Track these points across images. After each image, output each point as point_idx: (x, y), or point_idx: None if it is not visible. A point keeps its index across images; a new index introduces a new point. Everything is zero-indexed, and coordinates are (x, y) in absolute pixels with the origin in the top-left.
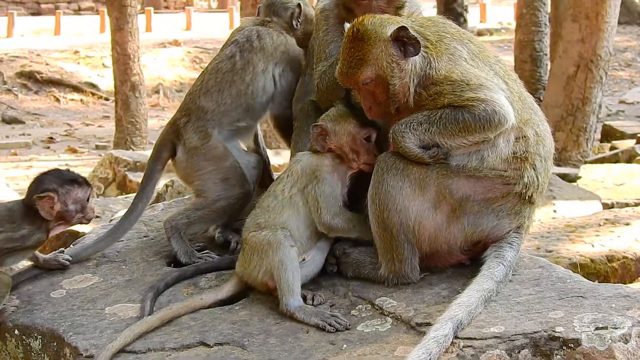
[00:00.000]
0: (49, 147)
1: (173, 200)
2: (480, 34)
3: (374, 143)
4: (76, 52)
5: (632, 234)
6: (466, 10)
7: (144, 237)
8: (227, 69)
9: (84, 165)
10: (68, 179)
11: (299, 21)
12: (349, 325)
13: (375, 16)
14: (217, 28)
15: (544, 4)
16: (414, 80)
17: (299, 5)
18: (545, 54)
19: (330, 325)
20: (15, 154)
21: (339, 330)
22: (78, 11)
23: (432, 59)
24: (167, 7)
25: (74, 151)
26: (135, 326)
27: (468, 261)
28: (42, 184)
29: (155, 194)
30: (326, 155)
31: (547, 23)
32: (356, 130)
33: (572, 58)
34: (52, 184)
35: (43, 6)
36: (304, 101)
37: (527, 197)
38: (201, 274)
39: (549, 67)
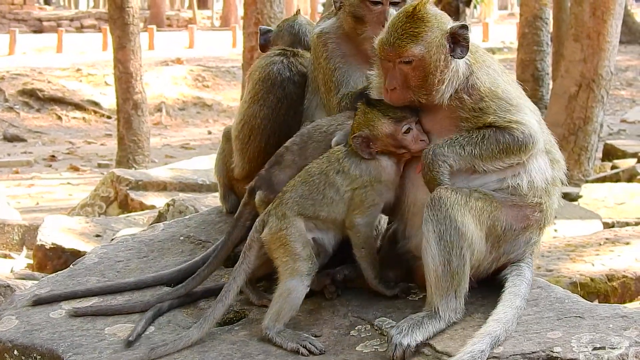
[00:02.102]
0: (50, 166)
1: (173, 220)
2: None
3: (418, 126)
4: (78, 70)
5: (632, 254)
6: (469, 29)
7: (144, 257)
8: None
9: (85, 184)
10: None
11: None
12: (324, 350)
13: (429, 2)
14: (220, 46)
15: (546, 24)
16: (454, 82)
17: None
18: (547, 74)
19: (305, 348)
20: (17, 172)
21: (313, 354)
22: (80, 29)
23: (475, 68)
24: (170, 25)
25: (76, 169)
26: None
27: (476, 284)
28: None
29: (157, 213)
30: (382, 161)
31: (549, 43)
32: (393, 128)
33: (574, 77)
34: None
35: (45, 24)
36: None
37: (548, 220)
38: (205, 297)
39: (550, 87)
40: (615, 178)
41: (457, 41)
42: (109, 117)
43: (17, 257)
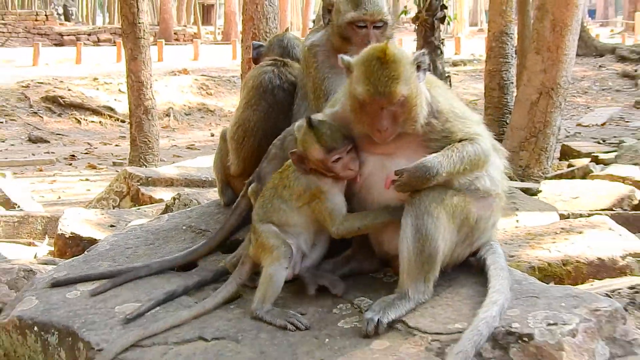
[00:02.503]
0: (71, 164)
1: (177, 212)
2: (455, 64)
3: (352, 154)
4: (95, 79)
5: (584, 242)
6: (443, 43)
7: (150, 244)
8: None
9: (102, 180)
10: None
11: None
12: (309, 326)
13: (390, 43)
14: (221, 58)
15: (511, 39)
16: (424, 107)
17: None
18: (512, 83)
19: (291, 324)
20: (41, 170)
21: (300, 329)
22: (97, 42)
23: (431, 91)
24: (177, 40)
25: (93, 167)
26: (150, 328)
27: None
28: None
29: (164, 206)
30: (318, 176)
31: (514, 55)
32: (323, 156)
33: (535, 86)
34: None
35: (65, 38)
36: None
37: (503, 201)
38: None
39: (514, 94)
40: (571, 175)
41: (419, 67)
42: (122, 121)
43: (40, 245)
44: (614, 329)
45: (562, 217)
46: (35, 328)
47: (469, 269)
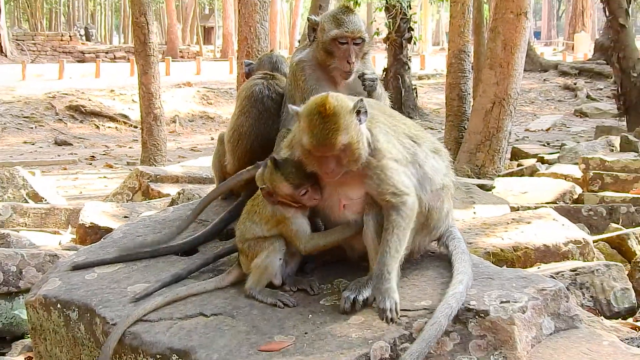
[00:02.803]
0: (91, 164)
1: (181, 204)
2: (420, 78)
3: (315, 186)
4: (112, 90)
5: (532, 230)
6: (410, 60)
7: (158, 232)
8: None
9: (117, 177)
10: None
11: None
12: (296, 304)
13: (332, 94)
14: (220, 73)
15: (469, 56)
16: (365, 147)
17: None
18: (469, 94)
19: (281, 302)
20: (65, 169)
21: (288, 306)
22: (113, 59)
23: (372, 127)
24: (182, 57)
25: (110, 167)
26: (149, 304)
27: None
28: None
29: (170, 200)
30: (287, 209)
31: (471, 70)
32: (291, 191)
33: (489, 97)
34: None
35: (86, 55)
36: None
37: (452, 188)
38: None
39: (471, 104)
40: (520, 173)
41: (359, 112)
42: (135, 127)
43: (64, 233)
44: (558, 306)
45: (513, 209)
46: (59, 305)
47: (432, 255)
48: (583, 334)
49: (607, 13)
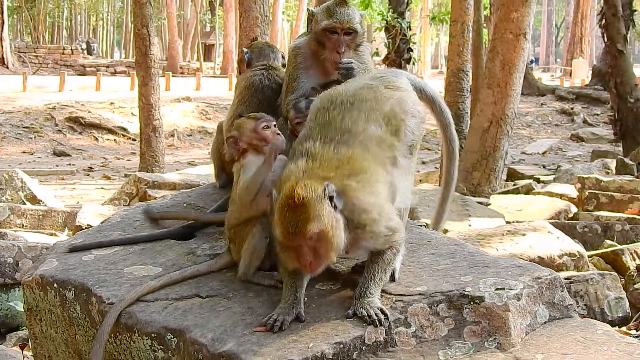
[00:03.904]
0: (89, 175)
1: (178, 192)
2: None
3: (274, 127)
4: (112, 103)
5: (526, 242)
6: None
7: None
8: None
9: (115, 189)
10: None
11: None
12: None
13: (303, 181)
14: (219, 89)
15: (467, 75)
16: (342, 235)
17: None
18: (467, 113)
19: (280, 282)
20: (63, 179)
21: None
22: (114, 73)
23: (353, 196)
24: (182, 73)
25: (107, 178)
26: (143, 286)
27: None
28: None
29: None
30: (245, 155)
31: (469, 89)
32: (254, 124)
33: (487, 116)
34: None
35: (87, 69)
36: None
37: None
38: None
39: (469, 123)
40: (515, 191)
41: (331, 197)
42: (133, 140)
43: (60, 235)
44: (553, 295)
45: (508, 224)
46: (55, 285)
47: (428, 243)
48: (577, 323)
49: (606, 38)
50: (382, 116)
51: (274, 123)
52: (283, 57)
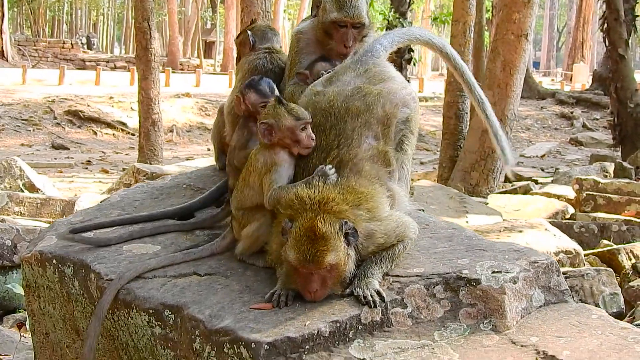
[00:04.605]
0: (87, 168)
1: (178, 173)
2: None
3: (309, 130)
4: (111, 97)
5: (524, 239)
6: (409, 81)
7: (155, 198)
8: None
9: (112, 182)
10: (251, 84)
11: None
12: None
13: (322, 216)
14: (219, 86)
15: None
16: (352, 268)
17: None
18: (466, 113)
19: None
20: (61, 172)
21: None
22: (114, 68)
23: (364, 227)
24: (182, 69)
25: (105, 172)
26: (143, 264)
27: None
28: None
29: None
30: (277, 150)
31: None
32: (294, 123)
33: None
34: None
35: (87, 63)
36: None
37: None
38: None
39: (468, 123)
40: (513, 192)
41: (347, 233)
42: (132, 134)
43: None
44: (549, 280)
45: (505, 221)
46: (54, 261)
47: (426, 227)
48: (572, 307)
49: (607, 43)
50: (377, 122)
51: (310, 124)
52: (281, 39)
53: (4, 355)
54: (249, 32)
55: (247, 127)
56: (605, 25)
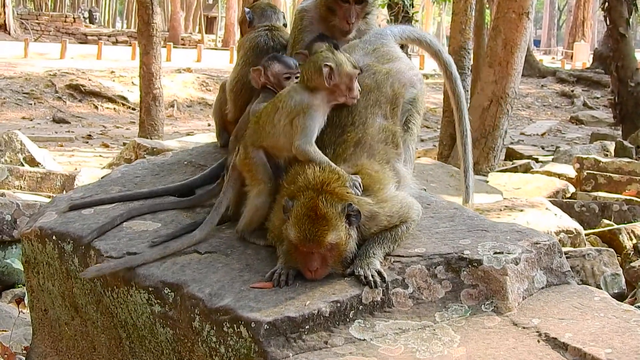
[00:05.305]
0: (87, 142)
1: (179, 149)
2: None
3: (357, 83)
4: (112, 72)
5: (524, 218)
6: (410, 58)
7: (156, 174)
8: None
9: (113, 156)
10: (273, 56)
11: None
12: None
13: (323, 195)
14: (220, 61)
15: (469, 53)
16: (353, 248)
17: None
18: (467, 91)
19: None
20: (62, 146)
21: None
22: (116, 43)
23: (367, 210)
24: (183, 44)
25: (106, 146)
26: (167, 248)
27: None
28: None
29: None
30: (318, 93)
31: (470, 68)
32: (353, 71)
33: (487, 95)
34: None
35: (89, 37)
36: None
37: None
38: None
39: (469, 101)
40: (514, 170)
41: (349, 214)
42: (133, 109)
43: None
44: (552, 261)
45: (506, 200)
46: (54, 237)
47: (428, 206)
48: (575, 289)
49: (608, 22)
50: (386, 101)
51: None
52: (284, 18)
53: (3, 330)
54: (247, 10)
55: (266, 99)
56: (606, 3)
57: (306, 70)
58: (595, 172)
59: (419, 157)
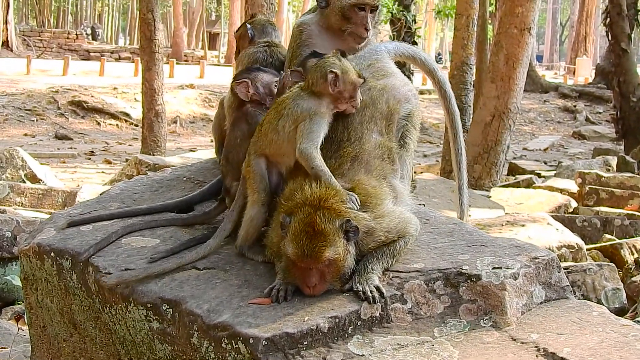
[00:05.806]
0: (90, 158)
1: (179, 166)
2: (422, 92)
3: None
4: (115, 88)
5: (526, 233)
6: (412, 74)
7: (155, 191)
8: None
9: (114, 172)
10: (256, 68)
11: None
12: None
13: (321, 211)
14: (223, 77)
15: (471, 68)
16: (351, 264)
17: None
18: (470, 106)
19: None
20: (64, 162)
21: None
22: (118, 59)
23: (364, 225)
24: (186, 60)
25: (108, 162)
26: (183, 258)
27: None
28: (240, 74)
29: None
30: (323, 99)
31: (472, 83)
32: (357, 81)
33: (489, 110)
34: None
35: (92, 54)
36: None
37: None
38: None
39: (472, 116)
40: (516, 185)
41: (347, 231)
42: (136, 125)
43: None
44: (550, 276)
45: (508, 214)
46: (52, 254)
47: (427, 222)
48: (573, 304)
49: (610, 37)
50: (381, 117)
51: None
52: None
53: (2, 347)
54: (248, 26)
55: (247, 115)
56: (608, 19)
57: (311, 76)
58: (597, 187)
59: (421, 173)
